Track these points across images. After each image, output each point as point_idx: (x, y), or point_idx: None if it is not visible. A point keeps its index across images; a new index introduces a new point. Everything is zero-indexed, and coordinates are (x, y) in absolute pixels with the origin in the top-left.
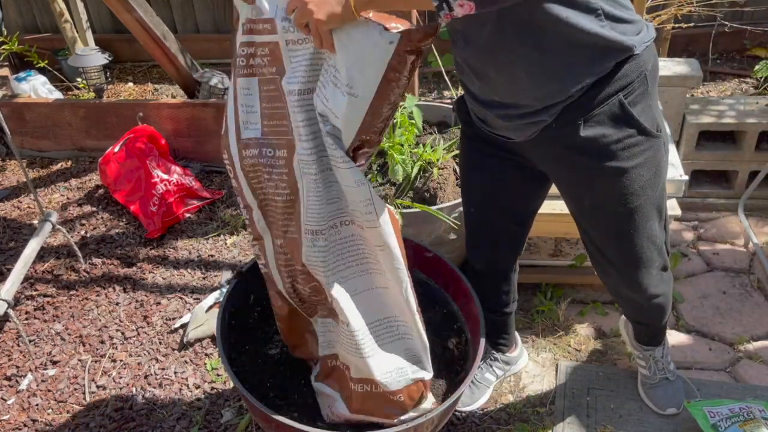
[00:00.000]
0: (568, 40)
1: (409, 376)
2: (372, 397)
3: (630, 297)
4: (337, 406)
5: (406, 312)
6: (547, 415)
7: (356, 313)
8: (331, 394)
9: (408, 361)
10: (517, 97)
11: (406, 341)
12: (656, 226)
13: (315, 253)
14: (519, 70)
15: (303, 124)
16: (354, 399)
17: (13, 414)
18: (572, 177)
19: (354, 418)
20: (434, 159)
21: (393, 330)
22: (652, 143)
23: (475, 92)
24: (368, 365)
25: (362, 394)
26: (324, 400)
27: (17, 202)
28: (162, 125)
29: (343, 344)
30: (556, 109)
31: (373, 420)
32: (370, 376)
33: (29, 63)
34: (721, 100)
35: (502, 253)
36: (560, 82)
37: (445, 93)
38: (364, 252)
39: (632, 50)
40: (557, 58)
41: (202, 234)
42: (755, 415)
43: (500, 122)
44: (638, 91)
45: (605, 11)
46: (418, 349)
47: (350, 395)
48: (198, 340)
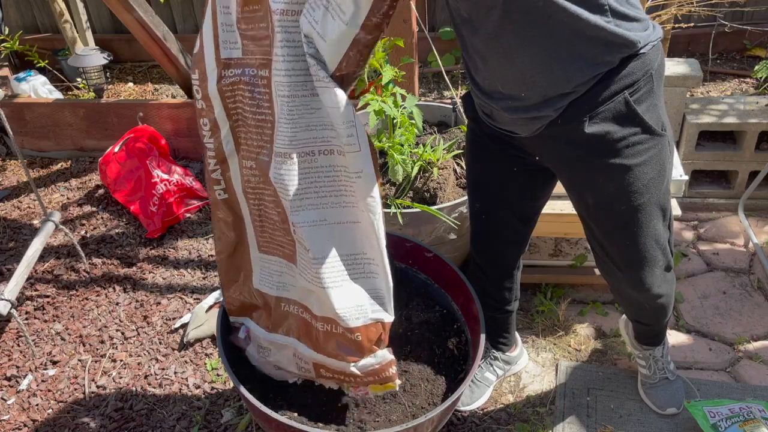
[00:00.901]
0: (574, 30)
1: (368, 315)
2: (332, 336)
3: (633, 297)
4: (301, 350)
5: (375, 249)
6: (547, 415)
7: (320, 242)
8: (289, 343)
9: (369, 300)
10: (520, 87)
11: (371, 280)
12: (660, 225)
13: (281, 175)
14: (524, 57)
15: (281, 44)
16: (318, 338)
17: (13, 414)
18: (576, 174)
19: (320, 361)
20: (434, 159)
21: (359, 267)
22: (656, 142)
23: (480, 83)
24: (329, 296)
25: (324, 333)
26: (282, 352)
27: (17, 202)
28: (162, 125)
29: (305, 277)
30: (561, 104)
31: (334, 365)
32: (330, 314)
33: (29, 63)
34: (721, 99)
35: (507, 250)
36: (564, 72)
37: (445, 93)
38: (339, 184)
39: (636, 45)
40: (563, 47)
41: (202, 234)
42: (755, 415)
43: (505, 116)
44: (644, 90)
45: (612, 8)
46: (382, 290)
47: (314, 335)
48: (198, 340)
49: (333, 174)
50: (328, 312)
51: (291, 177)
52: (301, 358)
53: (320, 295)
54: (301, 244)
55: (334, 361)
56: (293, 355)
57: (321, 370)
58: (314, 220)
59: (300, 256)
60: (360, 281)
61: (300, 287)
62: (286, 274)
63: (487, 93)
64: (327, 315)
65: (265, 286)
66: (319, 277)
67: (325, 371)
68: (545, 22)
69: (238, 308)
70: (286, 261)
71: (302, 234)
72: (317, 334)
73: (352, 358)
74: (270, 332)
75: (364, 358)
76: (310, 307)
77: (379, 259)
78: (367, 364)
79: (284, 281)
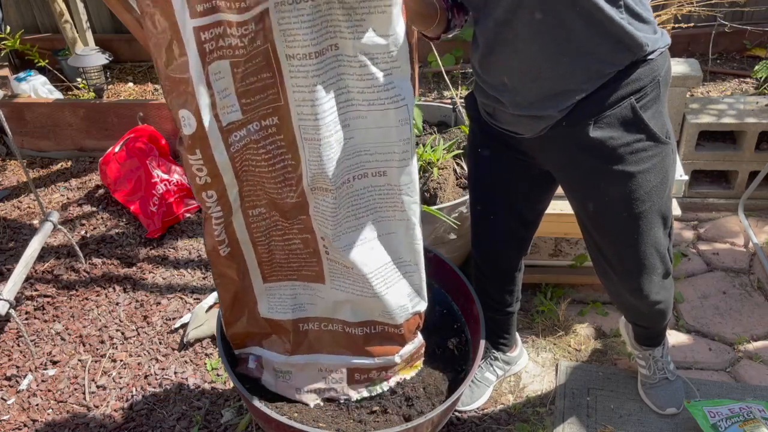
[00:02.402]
0: (589, 22)
1: (409, 310)
2: (373, 337)
3: (631, 302)
4: (330, 361)
5: (412, 251)
6: (547, 415)
7: (362, 259)
8: (312, 360)
9: (409, 296)
10: (525, 79)
11: (409, 278)
12: (660, 233)
13: (323, 208)
14: (534, 48)
15: (312, 88)
16: (357, 343)
17: (13, 414)
18: (578, 178)
19: (356, 364)
20: (434, 159)
21: (397, 272)
22: (661, 149)
23: (486, 75)
24: (383, 300)
25: (364, 336)
26: (305, 371)
27: (17, 202)
28: (162, 125)
29: (344, 290)
30: (565, 105)
31: (373, 363)
32: (370, 317)
33: (29, 63)
34: (720, 99)
35: (508, 252)
36: (572, 67)
37: (445, 93)
38: (374, 203)
39: (644, 48)
40: (573, 41)
41: (202, 234)
42: (755, 415)
43: (508, 115)
44: (650, 96)
45: (626, 5)
46: (417, 283)
47: (352, 341)
48: (198, 340)
49: (367, 195)
50: (369, 316)
51: (332, 208)
52: (331, 370)
53: (363, 303)
54: (339, 263)
55: (372, 360)
56: (319, 371)
57: (356, 374)
58: (354, 242)
59: (334, 274)
60: (400, 283)
61: (328, 302)
62: (302, 295)
63: (491, 85)
64: (366, 319)
65: (277, 312)
66: (365, 289)
67: (359, 374)
68: (562, 10)
69: (243, 340)
70: (305, 282)
71: (344, 255)
72: (356, 339)
73: (396, 349)
74: (291, 355)
75: (406, 345)
76: (343, 318)
77: (415, 259)
78: (407, 351)
79: (300, 302)
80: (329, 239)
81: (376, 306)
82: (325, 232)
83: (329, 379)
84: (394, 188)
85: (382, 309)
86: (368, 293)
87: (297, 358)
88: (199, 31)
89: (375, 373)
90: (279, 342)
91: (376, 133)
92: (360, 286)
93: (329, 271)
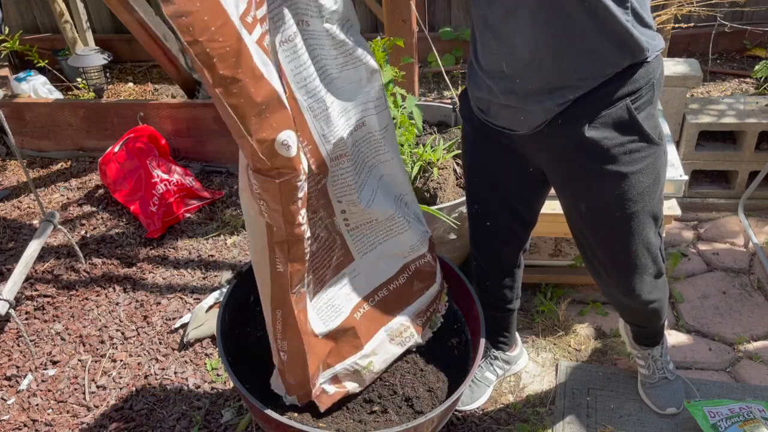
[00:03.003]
0: (595, 21)
1: (427, 235)
2: (414, 278)
3: (624, 302)
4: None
5: (407, 183)
6: (547, 415)
7: (383, 205)
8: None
9: (421, 222)
10: (526, 70)
11: (414, 205)
12: (652, 234)
13: (345, 176)
14: (539, 39)
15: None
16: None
17: (13, 414)
18: (571, 178)
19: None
20: (434, 159)
21: (406, 203)
22: (653, 150)
23: (484, 62)
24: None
25: (407, 282)
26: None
27: (17, 202)
28: (162, 125)
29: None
30: (560, 101)
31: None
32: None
33: (29, 63)
34: (720, 99)
35: (506, 249)
36: (574, 63)
37: (445, 93)
38: (365, 153)
39: (645, 53)
40: (579, 37)
41: (202, 234)
42: (755, 415)
43: (502, 108)
44: (645, 98)
45: (633, 7)
46: (419, 209)
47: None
48: (198, 340)
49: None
50: (401, 261)
51: (352, 171)
52: (401, 331)
53: (393, 248)
54: (361, 226)
55: (424, 298)
56: (391, 341)
57: (417, 321)
58: (371, 195)
59: (359, 242)
60: (411, 213)
61: (366, 273)
62: (343, 287)
63: (488, 73)
64: (400, 266)
65: (331, 322)
66: (391, 230)
67: (419, 319)
68: (568, 3)
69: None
70: (340, 272)
71: (369, 211)
72: (403, 290)
73: (433, 277)
74: (364, 345)
75: (437, 270)
76: (383, 278)
77: (410, 188)
78: (439, 275)
79: (336, 303)
80: (354, 204)
81: (405, 243)
82: (350, 199)
83: (404, 339)
84: (374, 134)
85: (410, 244)
86: (396, 232)
87: (370, 344)
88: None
89: (428, 311)
90: (347, 345)
91: (349, 91)
92: (385, 231)
93: (354, 243)
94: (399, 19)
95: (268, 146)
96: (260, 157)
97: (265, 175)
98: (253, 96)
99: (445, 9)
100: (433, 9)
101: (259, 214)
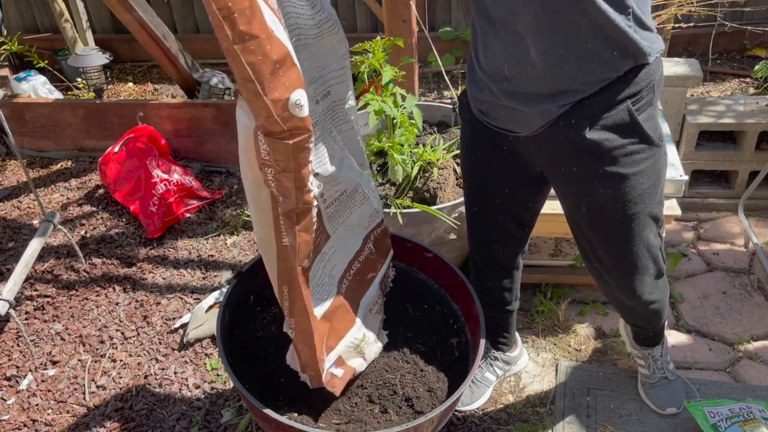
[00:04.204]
0: (595, 25)
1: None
2: (377, 244)
3: (625, 302)
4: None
5: (362, 152)
6: (547, 415)
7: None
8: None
9: (375, 190)
10: (527, 72)
11: (368, 175)
12: (652, 235)
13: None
14: (540, 43)
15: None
16: (372, 260)
17: (13, 414)
18: (572, 180)
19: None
20: (434, 159)
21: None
22: (654, 152)
23: (485, 63)
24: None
25: (374, 249)
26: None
27: (17, 202)
28: (162, 125)
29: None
30: (563, 102)
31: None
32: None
33: (29, 63)
34: (720, 100)
35: (505, 250)
36: (575, 68)
37: (445, 93)
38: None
39: (647, 57)
40: (579, 41)
41: (202, 234)
42: (755, 415)
43: (503, 109)
44: (645, 100)
45: (635, 13)
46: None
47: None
48: (198, 340)
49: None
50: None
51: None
52: (375, 299)
53: (358, 219)
54: (336, 200)
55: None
56: (369, 310)
57: (382, 286)
58: (338, 165)
59: (331, 217)
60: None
61: (340, 247)
62: (320, 271)
63: (489, 74)
64: (364, 236)
65: (325, 302)
66: (355, 199)
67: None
68: (570, 9)
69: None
70: (321, 253)
71: (340, 180)
72: (372, 259)
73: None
74: (355, 318)
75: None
76: (353, 249)
77: (365, 158)
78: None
79: (324, 282)
80: (330, 174)
81: (366, 213)
82: (324, 169)
83: (379, 307)
84: (337, 103)
85: (369, 213)
86: (358, 203)
87: (358, 318)
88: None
89: (388, 277)
90: (341, 322)
91: (318, 60)
92: (352, 203)
93: (328, 220)
94: (399, 19)
95: (282, 106)
96: (275, 119)
97: (278, 138)
98: (269, 53)
99: (445, 9)
100: (433, 9)
101: (263, 185)
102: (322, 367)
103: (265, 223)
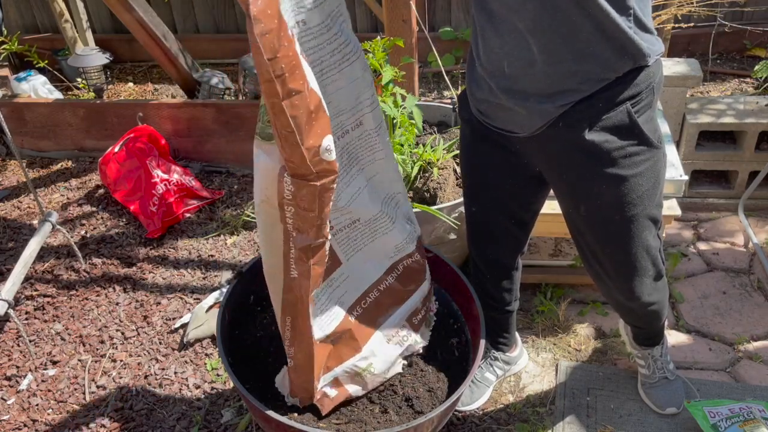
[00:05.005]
0: (595, 25)
1: (414, 234)
2: (404, 276)
3: (624, 303)
4: (393, 320)
5: (399, 182)
6: (547, 415)
7: (367, 205)
8: (378, 339)
9: (409, 222)
10: (527, 71)
11: (404, 206)
12: (651, 236)
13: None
14: (540, 41)
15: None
16: (395, 291)
17: (13, 414)
18: (571, 180)
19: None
20: (434, 159)
21: (395, 203)
22: (653, 154)
23: (485, 61)
24: (394, 236)
25: (396, 281)
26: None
27: (17, 202)
28: (162, 125)
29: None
30: (563, 102)
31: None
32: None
33: (29, 63)
34: (720, 99)
35: (504, 251)
36: (574, 67)
37: (445, 93)
38: (357, 152)
39: (646, 58)
40: (579, 41)
41: (202, 234)
42: (755, 415)
43: (502, 109)
44: (645, 102)
45: (635, 14)
46: (410, 209)
47: (389, 295)
48: (198, 340)
49: (350, 148)
50: (389, 261)
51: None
52: (397, 330)
53: (378, 248)
54: (345, 228)
55: (416, 296)
56: (389, 341)
57: (413, 319)
58: (353, 195)
59: (344, 245)
60: (399, 213)
61: (354, 274)
62: (326, 296)
63: (489, 71)
64: (388, 266)
65: (327, 327)
66: (376, 231)
67: (415, 318)
68: (571, 8)
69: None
70: (329, 278)
71: (350, 211)
72: (394, 289)
73: (422, 275)
74: (362, 347)
75: (426, 268)
76: (373, 278)
77: (402, 188)
78: (428, 272)
79: (329, 308)
80: (333, 204)
81: (390, 243)
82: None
83: (401, 338)
84: (370, 132)
85: (395, 243)
86: (380, 233)
87: (368, 346)
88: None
89: (423, 309)
90: (345, 347)
91: (348, 90)
92: (371, 232)
93: (339, 247)
94: (399, 19)
95: (314, 152)
96: (308, 164)
97: (305, 179)
98: (308, 105)
99: (445, 9)
100: (433, 9)
101: (278, 221)
102: (316, 385)
103: (275, 256)
